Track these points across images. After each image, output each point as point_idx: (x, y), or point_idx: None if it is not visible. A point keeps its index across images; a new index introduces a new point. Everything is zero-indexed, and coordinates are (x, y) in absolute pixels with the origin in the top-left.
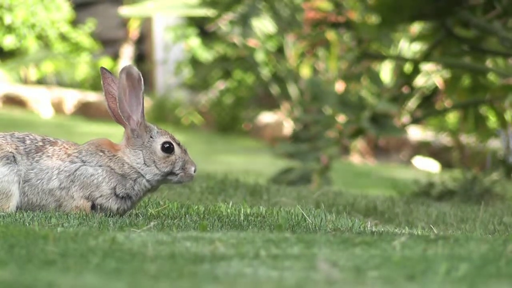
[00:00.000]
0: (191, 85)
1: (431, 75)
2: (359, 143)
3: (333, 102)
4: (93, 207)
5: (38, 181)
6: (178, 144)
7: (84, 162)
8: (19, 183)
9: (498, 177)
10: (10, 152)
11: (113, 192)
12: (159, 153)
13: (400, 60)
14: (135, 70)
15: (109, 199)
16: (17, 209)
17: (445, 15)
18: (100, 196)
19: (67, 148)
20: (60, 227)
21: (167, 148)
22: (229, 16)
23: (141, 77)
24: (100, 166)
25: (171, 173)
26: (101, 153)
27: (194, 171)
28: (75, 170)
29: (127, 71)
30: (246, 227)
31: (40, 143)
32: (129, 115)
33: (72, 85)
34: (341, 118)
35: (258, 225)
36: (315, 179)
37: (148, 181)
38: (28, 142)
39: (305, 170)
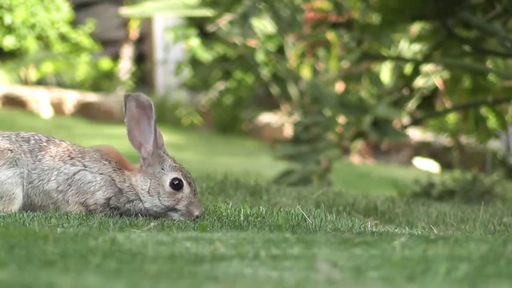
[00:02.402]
0: (191, 85)
1: (431, 76)
2: (359, 144)
3: (333, 103)
4: (89, 211)
5: (40, 182)
6: (189, 184)
7: (85, 167)
8: (23, 186)
9: (498, 178)
10: (12, 157)
11: (107, 202)
12: (167, 187)
13: (400, 60)
14: (145, 97)
15: (100, 208)
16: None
17: (446, 15)
18: (94, 203)
19: (71, 152)
20: (60, 227)
21: (176, 185)
22: (229, 16)
23: (152, 105)
24: (100, 174)
25: (174, 209)
26: (105, 162)
27: (197, 216)
28: (74, 174)
29: (136, 99)
30: (246, 227)
31: (45, 144)
32: (141, 144)
33: (72, 86)
34: (341, 119)
35: (258, 226)
36: (315, 182)
37: (146, 208)
38: (32, 142)
39: (305, 173)
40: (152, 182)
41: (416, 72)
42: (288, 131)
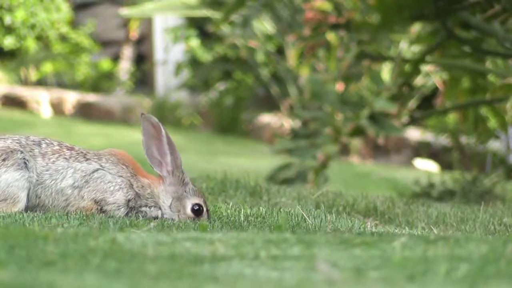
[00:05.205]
0: (191, 86)
1: (431, 76)
2: (358, 144)
3: (332, 100)
4: (100, 210)
5: (52, 182)
6: (208, 211)
7: (103, 168)
8: (29, 190)
9: (498, 178)
10: (22, 158)
11: (127, 203)
12: (188, 211)
13: (400, 61)
14: (155, 120)
15: (120, 208)
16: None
17: (445, 15)
18: (114, 203)
19: (85, 154)
20: (60, 227)
21: (197, 211)
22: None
23: (160, 126)
24: (120, 176)
25: None
26: (123, 166)
27: None
28: (93, 172)
29: (148, 120)
30: (246, 227)
31: (57, 147)
32: (160, 163)
33: (72, 86)
34: (339, 116)
35: (258, 226)
36: (312, 177)
37: (164, 217)
38: (43, 145)
39: (302, 168)
40: (174, 201)
41: (416, 72)
42: (287, 129)
